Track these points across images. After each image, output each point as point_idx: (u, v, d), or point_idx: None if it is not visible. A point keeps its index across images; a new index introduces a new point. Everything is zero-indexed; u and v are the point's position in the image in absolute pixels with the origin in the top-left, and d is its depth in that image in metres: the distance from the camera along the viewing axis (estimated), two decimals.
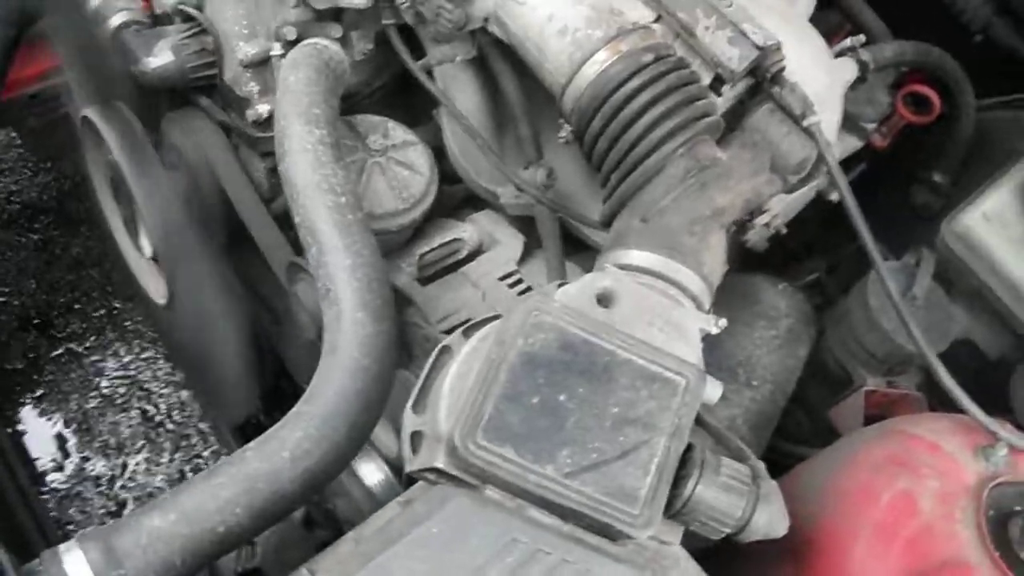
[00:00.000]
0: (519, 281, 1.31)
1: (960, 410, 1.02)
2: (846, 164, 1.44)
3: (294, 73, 1.18)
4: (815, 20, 1.40)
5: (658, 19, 1.11)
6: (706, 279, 1.00)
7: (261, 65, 1.32)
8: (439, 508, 0.78)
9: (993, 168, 1.36)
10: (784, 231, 1.31)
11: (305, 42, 1.24)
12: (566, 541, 0.79)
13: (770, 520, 0.86)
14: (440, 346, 0.95)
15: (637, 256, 0.98)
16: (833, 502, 1.02)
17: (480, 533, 0.77)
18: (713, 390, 0.92)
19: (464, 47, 1.21)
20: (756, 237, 1.30)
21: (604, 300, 0.94)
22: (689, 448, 0.85)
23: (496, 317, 0.99)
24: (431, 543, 0.77)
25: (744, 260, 1.38)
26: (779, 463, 1.16)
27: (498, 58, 1.21)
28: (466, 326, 0.96)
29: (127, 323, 1.99)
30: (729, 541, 0.88)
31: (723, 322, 0.99)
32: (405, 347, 1.26)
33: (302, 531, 1.15)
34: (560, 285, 0.93)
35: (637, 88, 1.03)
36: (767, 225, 1.27)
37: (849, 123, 1.36)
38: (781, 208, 1.27)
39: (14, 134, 2.15)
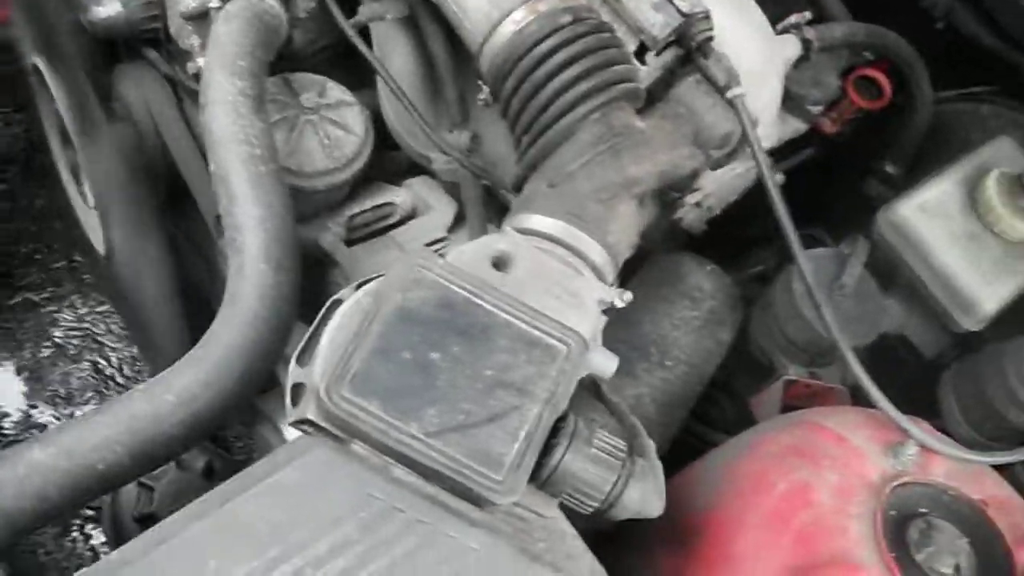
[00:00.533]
0: (448, 247, 1.30)
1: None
2: (791, 147, 1.42)
3: (225, 25, 1.17)
4: (777, 0, 1.38)
5: None
6: (610, 249, 0.99)
7: (202, 18, 1.31)
8: (298, 457, 0.77)
9: (949, 161, 1.34)
10: (716, 212, 1.31)
11: None
12: (424, 501, 0.78)
13: (643, 498, 0.85)
14: (331, 300, 0.94)
15: (539, 221, 0.97)
16: (728, 489, 1.00)
17: (337, 485, 0.77)
18: (607, 363, 0.91)
19: (396, 5, 1.20)
20: (691, 217, 1.30)
21: (500, 263, 0.93)
22: (564, 417, 0.84)
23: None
24: (286, 491, 0.76)
25: (692, 247, 1.37)
26: (700, 450, 1.15)
27: (426, 17, 1.20)
28: (359, 282, 0.96)
29: (85, 276, 2.00)
30: (602, 518, 0.87)
31: (628, 295, 0.97)
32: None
33: (202, 480, 1.15)
34: None
35: (551, 49, 1.02)
36: (698, 204, 1.27)
37: (793, 104, 1.34)
38: (714, 188, 1.27)
39: None
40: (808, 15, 1.27)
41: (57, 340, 1.92)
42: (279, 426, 1.25)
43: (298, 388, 0.91)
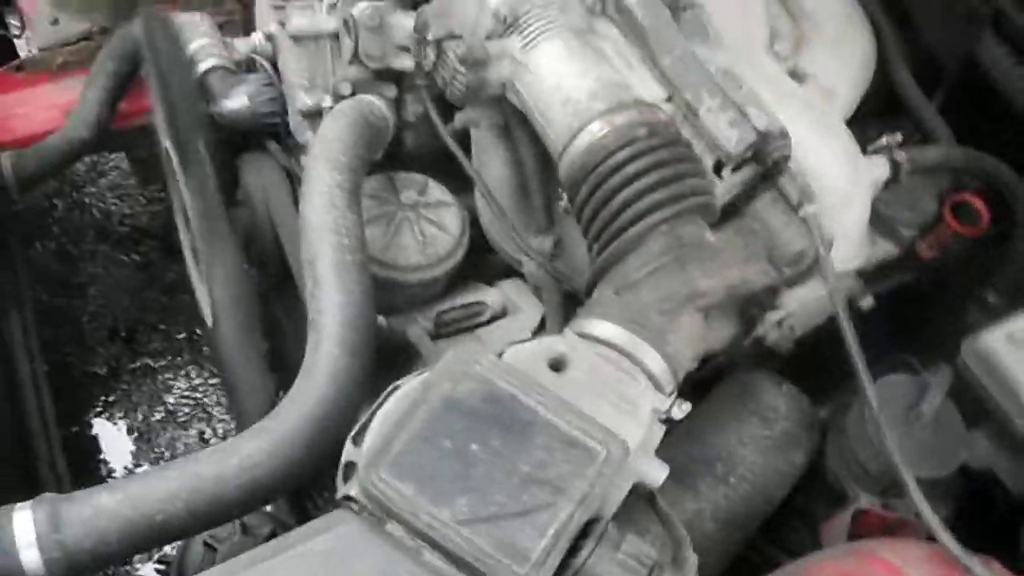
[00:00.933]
0: None
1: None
2: (885, 270, 1.40)
3: (332, 122, 1.26)
4: (884, 125, 1.39)
5: (669, 98, 1.13)
6: (670, 360, 1.00)
7: (316, 116, 1.41)
8: (329, 528, 0.81)
9: None
10: (800, 333, 1.29)
11: (353, 97, 1.33)
12: None
13: None
14: (392, 386, 0.98)
15: (600, 327, 1.00)
16: None
17: (363, 561, 0.80)
18: (656, 472, 0.91)
19: (489, 113, 1.27)
20: (774, 336, 1.29)
21: (556, 365, 0.96)
22: (596, 520, 0.85)
23: None
24: (313, 560, 0.79)
25: (785, 368, 1.35)
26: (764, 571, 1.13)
27: (517, 126, 1.25)
28: (420, 371, 1.00)
29: (204, 349, 2.11)
30: None
31: (686, 407, 0.98)
32: None
33: (242, 538, 1.20)
34: None
35: (625, 159, 1.05)
36: (780, 324, 1.26)
37: (883, 226, 1.33)
38: (797, 308, 1.26)
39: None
40: (899, 137, 1.27)
41: (169, 406, 2.03)
42: None
43: (350, 466, 0.95)
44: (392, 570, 0.79)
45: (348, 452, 0.96)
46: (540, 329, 1.38)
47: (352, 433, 0.96)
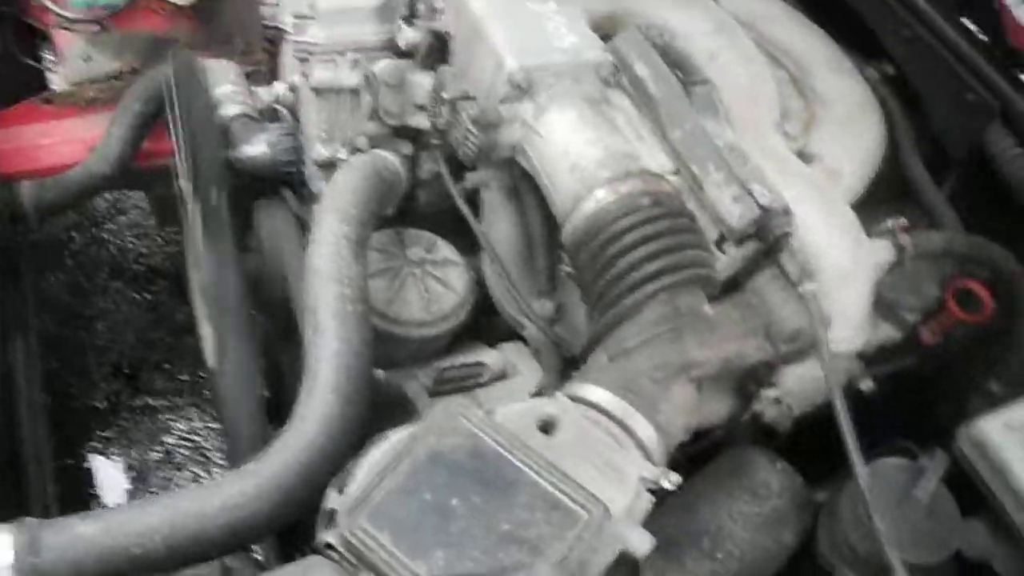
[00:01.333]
0: None
1: None
2: (887, 354, 1.40)
3: (344, 174, 1.28)
4: (893, 210, 1.39)
5: (677, 171, 1.14)
6: (661, 429, 1.00)
7: (330, 167, 1.43)
8: (304, 574, 0.81)
9: None
10: (798, 412, 1.29)
11: (368, 152, 1.35)
12: None
13: None
14: (378, 436, 0.99)
15: (592, 391, 1.00)
16: None
17: None
18: (640, 541, 0.90)
19: (499, 175, 1.28)
20: (772, 413, 1.28)
21: (546, 427, 0.96)
22: None
23: None
24: None
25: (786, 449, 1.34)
26: None
27: (526, 188, 1.27)
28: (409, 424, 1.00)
29: (206, 392, 2.12)
30: None
31: (675, 478, 0.98)
32: None
33: None
34: None
35: (626, 227, 1.06)
36: (778, 401, 1.26)
37: (886, 309, 1.33)
38: (795, 386, 1.26)
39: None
40: (904, 221, 1.28)
41: (167, 446, 2.03)
42: None
43: (331, 514, 0.95)
44: None
45: (330, 499, 0.96)
46: (538, 393, 1.38)
47: (335, 481, 0.96)
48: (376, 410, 1.12)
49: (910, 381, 1.52)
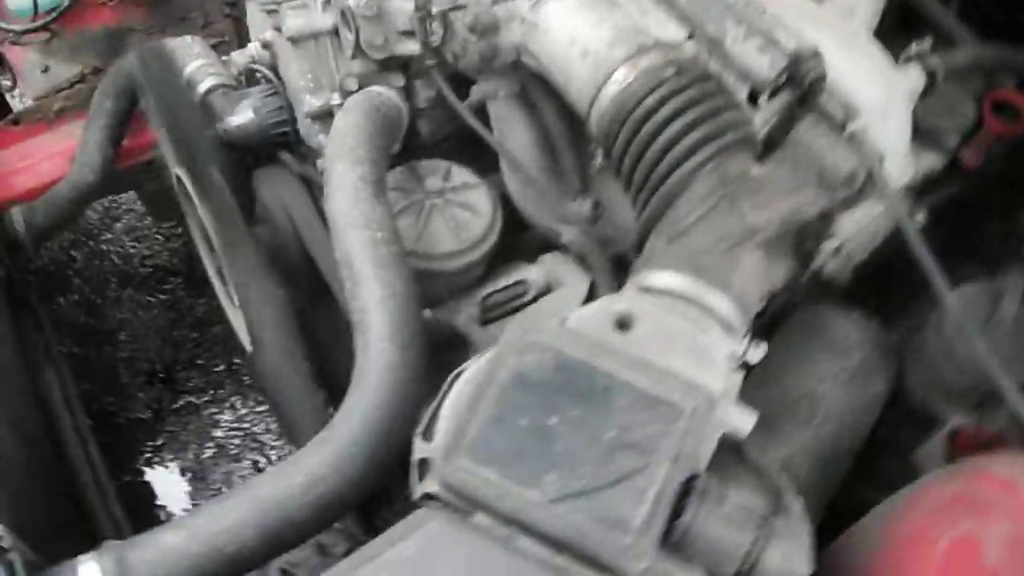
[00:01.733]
0: None
1: None
2: (933, 184, 1.34)
3: (344, 118, 1.22)
4: (903, 40, 1.33)
5: (690, 36, 1.07)
6: (738, 300, 0.94)
7: (327, 117, 1.36)
8: (415, 530, 0.76)
9: None
10: (859, 259, 1.24)
11: (362, 90, 1.29)
12: (549, 573, 0.75)
13: (786, 559, 0.79)
14: (454, 374, 0.94)
15: (660, 278, 0.94)
16: (887, 549, 0.92)
17: (453, 557, 0.75)
18: (743, 420, 0.86)
19: (505, 82, 1.21)
20: (832, 266, 1.23)
21: (622, 324, 0.90)
22: (693, 477, 0.80)
23: None
24: (401, 565, 0.74)
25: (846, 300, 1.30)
26: (863, 512, 1.07)
27: (537, 89, 1.20)
28: (481, 354, 0.95)
29: (244, 378, 2.08)
30: None
31: (763, 348, 0.93)
32: None
33: (317, 559, 1.15)
34: None
35: (656, 103, 1.00)
36: (838, 251, 1.20)
37: (926, 137, 1.26)
38: (854, 232, 1.20)
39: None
40: (928, 42, 1.21)
41: (219, 440, 2.00)
42: None
43: (423, 463, 0.90)
44: (487, 564, 0.74)
45: (419, 449, 0.91)
46: (588, 300, 1.33)
47: (419, 429, 0.92)
48: (430, 351, 1.07)
49: (954, 209, 1.46)
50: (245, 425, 2.01)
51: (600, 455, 0.78)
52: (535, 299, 1.34)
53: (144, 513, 1.83)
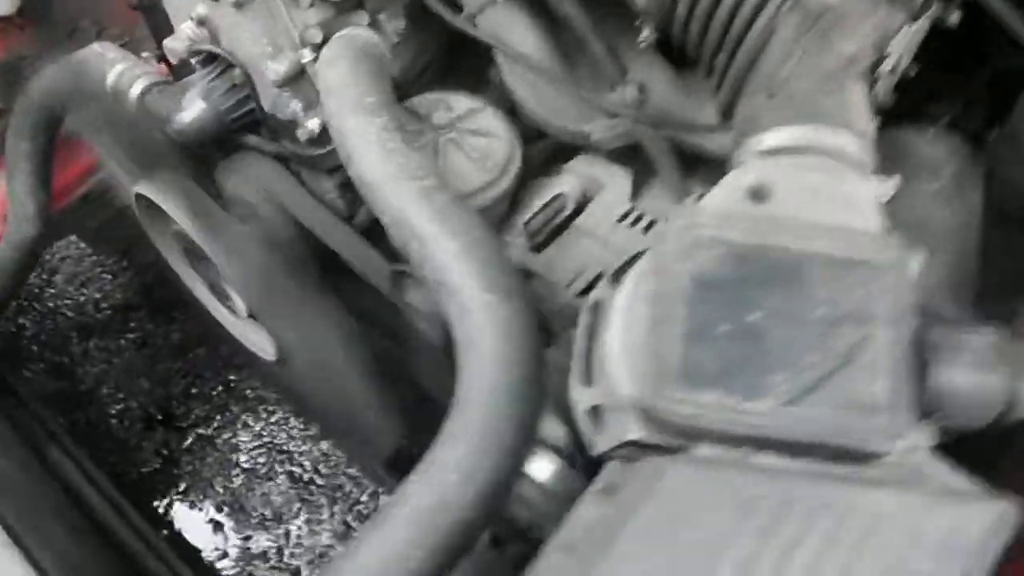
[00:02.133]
0: (640, 217, 1.17)
1: None
2: None
3: (331, 70, 1.07)
4: None
5: None
6: (862, 136, 0.85)
7: (297, 79, 1.21)
8: (654, 488, 0.65)
9: None
10: (912, 73, 1.15)
11: (334, 37, 1.14)
12: (812, 482, 0.66)
13: None
14: (589, 304, 0.82)
15: (775, 136, 0.84)
16: None
17: (711, 502, 0.64)
18: (917, 258, 0.77)
19: None
20: (882, 88, 1.15)
21: (758, 195, 0.79)
22: (916, 332, 0.71)
23: (637, 257, 0.86)
24: (657, 531, 0.64)
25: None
26: None
27: None
28: (610, 274, 0.84)
29: (247, 392, 1.92)
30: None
31: (897, 179, 0.84)
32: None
33: (492, 553, 1.04)
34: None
35: None
36: (893, 70, 1.12)
37: None
38: (904, 47, 1.12)
39: (82, 244, 2.11)
40: None
41: (244, 464, 1.85)
42: None
43: (596, 411, 0.79)
44: (747, 495, 0.64)
45: (584, 398, 0.80)
46: (636, 194, 1.22)
47: (576, 375, 0.80)
48: None
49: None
50: (266, 439, 1.87)
51: (817, 337, 0.68)
52: (578, 211, 1.23)
53: (198, 565, 1.68)
